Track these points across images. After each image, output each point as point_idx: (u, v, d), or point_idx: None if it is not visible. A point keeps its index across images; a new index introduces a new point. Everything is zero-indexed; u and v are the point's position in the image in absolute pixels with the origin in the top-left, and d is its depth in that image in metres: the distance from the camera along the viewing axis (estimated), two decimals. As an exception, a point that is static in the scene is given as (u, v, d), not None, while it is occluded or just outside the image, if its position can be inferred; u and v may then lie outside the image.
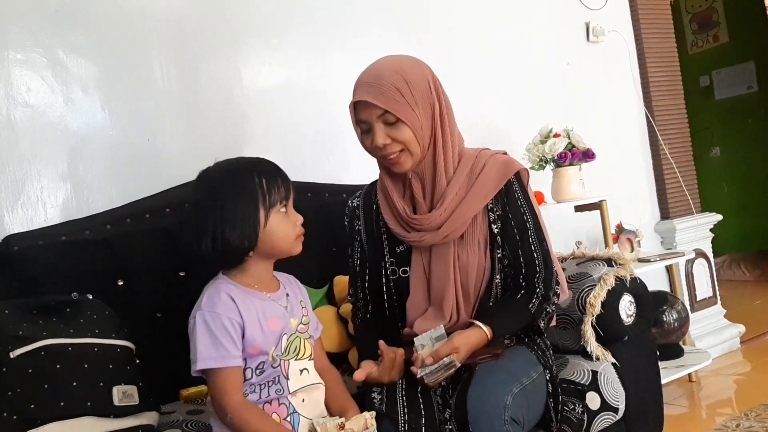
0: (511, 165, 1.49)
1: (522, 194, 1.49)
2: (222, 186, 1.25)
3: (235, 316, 1.22)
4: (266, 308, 1.28)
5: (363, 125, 1.43)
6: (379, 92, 1.37)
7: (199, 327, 1.21)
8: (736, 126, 5.08)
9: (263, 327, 1.25)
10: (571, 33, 3.05)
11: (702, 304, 3.19)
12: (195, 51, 2.10)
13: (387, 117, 1.39)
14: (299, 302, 1.38)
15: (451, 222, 1.43)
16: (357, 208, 1.61)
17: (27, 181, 1.81)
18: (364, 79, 1.43)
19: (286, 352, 1.28)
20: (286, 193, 1.29)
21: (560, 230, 1.95)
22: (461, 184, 1.46)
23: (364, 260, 1.59)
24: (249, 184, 1.25)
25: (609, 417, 1.63)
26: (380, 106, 1.37)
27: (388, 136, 1.40)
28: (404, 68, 1.41)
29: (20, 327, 1.33)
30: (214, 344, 1.20)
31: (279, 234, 1.27)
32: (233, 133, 2.15)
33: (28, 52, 1.84)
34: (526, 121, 2.71)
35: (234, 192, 1.24)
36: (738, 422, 2.29)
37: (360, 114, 1.42)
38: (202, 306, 1.24)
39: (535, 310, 1.43)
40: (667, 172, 3.21)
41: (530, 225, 1.47)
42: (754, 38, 4.80)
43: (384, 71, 1.40)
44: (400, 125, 1.39)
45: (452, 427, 1.30)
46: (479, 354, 1.39)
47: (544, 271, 1.45)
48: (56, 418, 1.28)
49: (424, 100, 1.41)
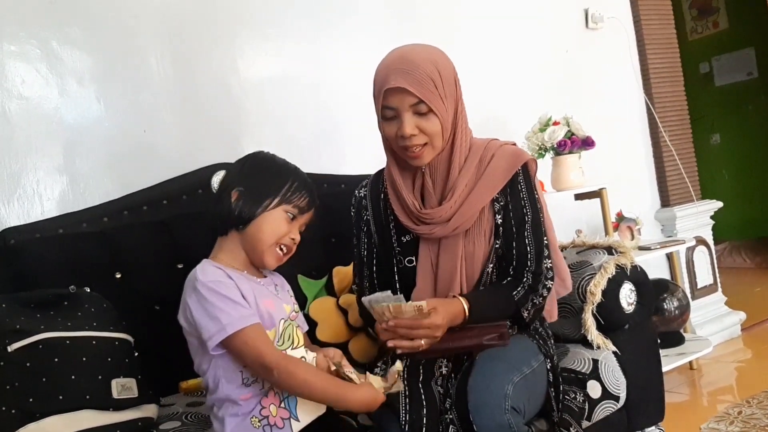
0: (519, 156, 1.47)
1: (526, 186, 1.47)
2: (261, 164, 1.35)
3: (230, 282, 1.22)
4: (258, 289, 1.28)
5: (389, 111, 1.38)
6: (415, 80, 1.33)
7: (208, 297, 1.18)
8: (736, 113, 5.06)
9: (258, 304, 1.24)
10: (570, 20, 3.03)
11: (703, 292, 3.19)
12: (191, 42, 2.08)
13: (420, 107, 1.35)
14: (287, 291, 1.39)
15: (460, 214, 1.42)
16: (364, 198, 1.60)
17: (23, 174, 1.80)
18: (396, 64, 1.36)
19: (281, 340, 1.27)
20: (305, 206, 1.32)
21: (560, 219, 1.94)
22: (470, 176, 1.44)
23: (372, 250, 1.58)
24: (282, 177, 1.32)
25: (610, 405, 1.63)
26: (416, 95, 1.33)
27: (417, 126, 1.36)
28: (436, 59, 1.38)
29: (18, 321, 1.32)
30: (233, 306, 1.18)
31: (267, 225, 1.27)
32: (230, 124, 2.14)
33: (22, 44, 1.82)
34: (525, 109, 2.70)
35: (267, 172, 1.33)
36: (739, 409, 2.29)
37: (390, 100, 1.36)
38: (198, 279, 1.21)
39: (519, 297, 1.42)
40: (667, 160, 3.20)
41: (529, 218, 1.46)
42: (754, 24, 4.76)
43: (418, 59, 1.35)
44: (430, 116, 1.36)
45: (453, 417, 1.30)
46: (486, 334, 1.37)
47: (535, 264, 1.44)
48: (55, 411, 1.27)
49: (452, 93, 1.39)
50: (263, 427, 1.22)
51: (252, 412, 1.23)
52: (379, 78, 1.39)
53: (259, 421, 1.22)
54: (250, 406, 1.23)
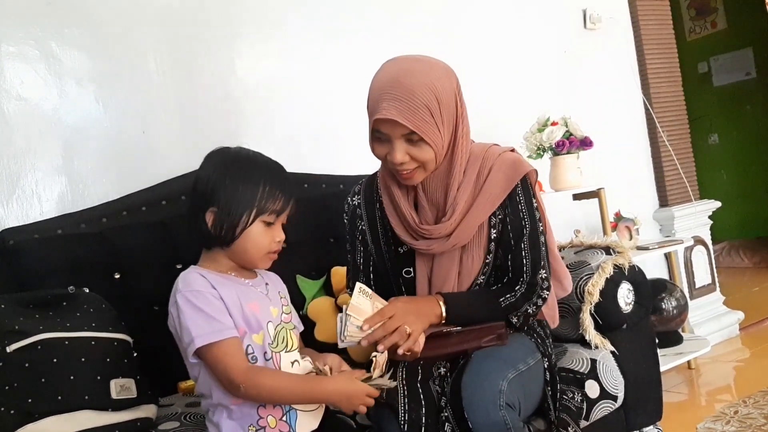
0: (518, 168, 1.44)
1: (525, 199, 1.45)
2: (229, 170, 1.25)
3: (213, 291, 1.21)
4: (245, 291, 1.26)
5: (380, 134, 1.35)
6: (408, 110, 1.28)
7: (184, 308, 1.18)
8: (734, 113, 5.07)
9: (243, 308, 1.23)
10: (568, 20, 3.03)
11: (701, 291, 3.20)
12: (190, 43, 2.08)
13: (412, 137, 1.32)
14: (278, 293, 1.36)
15: (460, 231, 1.42)
16: (358, 207, 1.58)
17: (21, 175, 1.80)
18: (390, 89, 1.30)
19: (275, 343, 1.26)
20: (281, 207, 1.27)
21: (558, 219, 1.95)
22: (468, 193, 1.43)
23: (369, 258, 1.57)
24: (253, 182, 1.24)
25: (608, 405, 1.63)
26: (409, 126, 1.30)
27: (408, 154, 1.34)
28: (435, 83, 1.31)
29: (17, 321, 1.32)
30: (206, 319, 1.17)
31: (251, 243, 1.25)
32: (228, 125, 2.14)
33: (20, 44, 1.82)
34: (524, 109, 2.70)
35: (237, 181, 1.24)
36: (737, 409, 2.29)
37: (381, 127, 1.33)
38: (179, 289, 1.21)
39: (507, 304, 1.42)
40: (666, 160, 3.20)
41: (527, 231, 1.45)
42: (752, 24, 4.77)
43: (415, 85, 1.29)
44: (422, 145, 1.33)
45: (448, 414, 1.30)
46: (484, 336, 1.39)
47: (530, 275, 1.44)
48: (54, 412, 1.28)
49: (449, 117, 1.36)
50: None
51: (248, 418, 1.21)
52: (371, 99, 1.35)
53: (256, 431, 1.21)
54: (243, 412, 1.21)
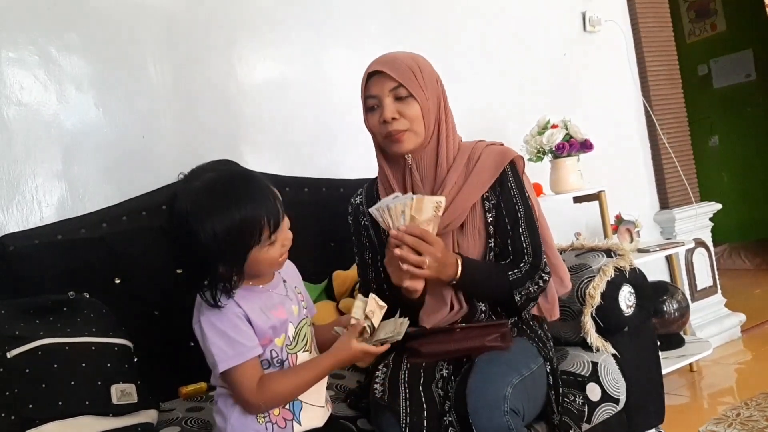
0: (506, 154, 1.52)
1: (515, 183, 1.51)
2: (217, 234, 1.14)
3: (238, 310, 1.21)
4: (267, 299, 1.26)
5: (372, 101, 1.47)
6: (394, 67, 1.44)
7: (208, 332, 1.20)
8: (734, 115, 5.07)
9: (269, 317, 1.24)
10: (568, 23, 3.03)
11: (702, 294, 3.19)
12: (189, 47, 2.09)
13: (399, 91, 1.43)
14: (294, 288, 1.35)
15: (450, 211, 1.45)
16: (360, 204, 1.62)
17: (21, 180, 1.80)
18: (378, 59, 1.49)
19: (295, 341, 1.27)
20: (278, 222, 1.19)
21: (559, 221, 1.95)
22: (459, 173, 1.48)
23: (376, 253, 1.59)
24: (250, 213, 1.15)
25: (610, 408, 1.63)
26: (395, 78, 1.43)
27: (397, 111, 1.44)
28: (417, 58, 1.50)
29: (17, 327, 1.32)
30: (229, 343, 1.19)
31: (263, 262, 1.22)
32: (228, 129, 2.14)
33: (20, 50, 1.83)
34: (524, 112, 2.70)
35: (229, 239, 1.14)
36: (738, 411, 2.28)
37: (371, 89, 1.46)
38: (203, 311, 1.22)
39: (513, 279, 1.44)
40: (666, 162, 3.20)
41: (522, 215, 1.48)
42: (751, 26, 4.77)
43: (400, 56, 1.48)
44: (410, 101, 1.44)
45: (452, 419, 1.30)
46: (488, 334, 1.39)
47: (533, 257, 1.47)
48: (54, 417, 1.27)
49: (433, 87, 1.48)
50: (266, 424, 1.23)
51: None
52: (363, 77, 1.49)
53: (263, 417, 1.23)
54: None
